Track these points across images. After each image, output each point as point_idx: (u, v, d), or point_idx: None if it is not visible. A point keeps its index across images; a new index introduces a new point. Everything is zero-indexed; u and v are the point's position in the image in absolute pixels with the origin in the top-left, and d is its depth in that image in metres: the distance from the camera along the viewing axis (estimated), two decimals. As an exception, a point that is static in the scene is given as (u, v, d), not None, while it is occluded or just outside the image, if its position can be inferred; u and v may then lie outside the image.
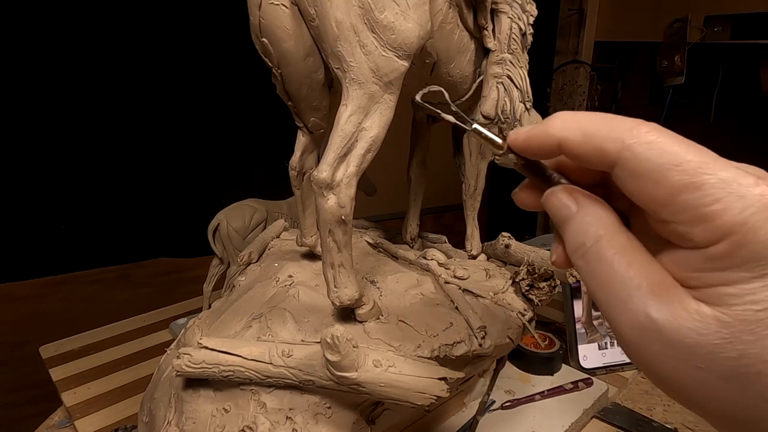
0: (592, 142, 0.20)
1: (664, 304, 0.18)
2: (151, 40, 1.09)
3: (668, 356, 0.19)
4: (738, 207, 0.17)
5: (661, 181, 0.18)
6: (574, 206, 0.21)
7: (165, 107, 1.14)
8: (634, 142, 0.19)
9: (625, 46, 1.73)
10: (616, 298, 0.19)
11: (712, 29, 1.36)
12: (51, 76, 1.01)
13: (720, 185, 0.17)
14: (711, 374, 0.18)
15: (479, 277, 0.60)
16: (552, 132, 0.21)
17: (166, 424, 0.45)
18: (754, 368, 0.17)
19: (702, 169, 0.17)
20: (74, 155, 1.07)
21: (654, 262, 0.19)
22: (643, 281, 0.19)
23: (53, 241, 1.10)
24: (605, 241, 0.20)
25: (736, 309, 0.17)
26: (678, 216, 0.18)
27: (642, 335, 0.19)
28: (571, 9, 1.72)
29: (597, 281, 0.20)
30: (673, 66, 1.41)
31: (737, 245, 0.17)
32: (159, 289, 1.22)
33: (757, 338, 0.17)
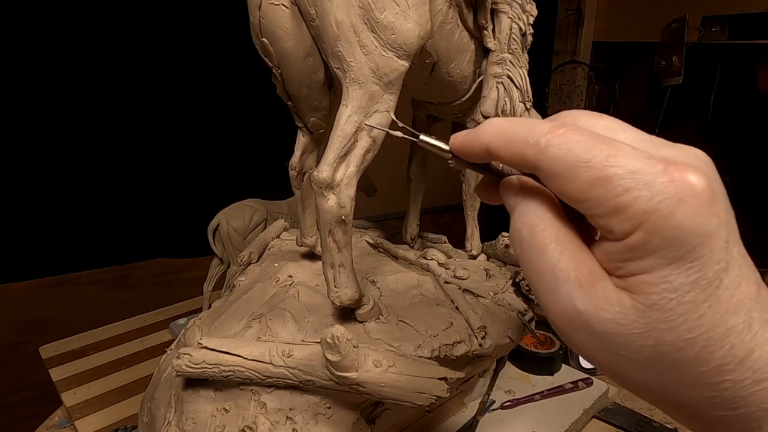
0: (513, 148, 0.20)
1: (588, 295, 0.19)
2: (151, 39, 1.08)
3: (595, 345, 0.19)
4: (646, 195, 0.17)
5: (574, 178, 0.18)
6: (519, 197, 0.22)
7: (164, 107, 1.14)
8: (547, 144, 0.19)
9: (623, 47, 1.73)
10: (546, 287, 0.20)
11: (710, 29, 1.36)
12: (50, 76, 1.00)
13: (628, 176, 0.17)
14: (632, 361, 0.19)
15: (479, 277, 0.60)
16: (480, 138, 0.22)
17: (166, 424, 0.45)
18: (670, 356, 0.18)
19: (609, 162, 0.18)
20: (72, 156, 1.06)
21: (586, 253, 0.20)
22: (571, 272, 0.19)
23: (50, 241, 1.09)
24: (539, 231, 0.20)
25: (653, 297, 0.18)
26: (595, 210, 0.18)
27: (570, 325, 0.19)
28: (569, 9, 1.72)
29: (531, 270, 0.21)
30: (671, 66, 1.41)
31: (650, 233, 0.17)
32: (157, 290, 1.21)
33: (671, 327, 0.18)
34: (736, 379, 0.18)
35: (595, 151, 0.18)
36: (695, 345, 0.18)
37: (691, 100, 1.54)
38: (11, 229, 1.05)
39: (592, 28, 1.72)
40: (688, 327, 0.17)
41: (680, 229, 0.17)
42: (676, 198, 0.17)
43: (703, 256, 0.17)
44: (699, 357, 0.18)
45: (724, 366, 0.18)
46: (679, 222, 0.17)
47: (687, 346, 0.18)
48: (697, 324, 0.17)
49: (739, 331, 0.18)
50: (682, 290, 0.17)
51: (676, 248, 0.17)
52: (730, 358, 0.18)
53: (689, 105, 1.55)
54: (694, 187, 0.17)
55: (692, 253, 0.17)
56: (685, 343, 0.18)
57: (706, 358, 0.18)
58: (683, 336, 0.18)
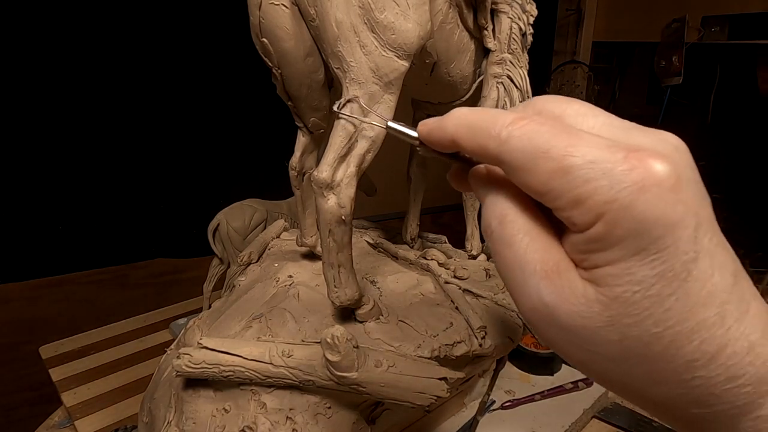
0: (476, 140, 0.20)
1: (555, 287, 0.18)
2: (151, 40, 1.08)
3: (564, 339, 0.19)
4: (605, 185, 0.16)
5: (534, 170, 0.18)
6: (488, 187, 0.21)
7: (164, 108, 1.14)
8: (508, 136, 0.18)
9: (623, 47, 1.73)
10: (515, 280, 0.19)
11: (710, 29, 1.36)
12: (50, 77, 1.00)
13: (587, 166, 0.17)
14: (601, 357, 0.18)
15: (479, 277, 0.60)
16: (446, 128, 0.21)
17: (166, 424, 0.45)
18: (636, 351, 0.17)
19: (568, 152, 0.17)
20: (72, 156, 1.06)
21: (554, 245, 0.19)
22: (538, 264, 0.19)
23: (49, 242, 1.09)
24: (508, 222, 0.20)
25: (617, 290, 0.17)
26: (556, 202, 0.18)
27: (539, 318, 0.19)
28: (569, 9, 1.72)
29: (500, 263, 0.20)
30: (671, 66, 1.41)
31: (611, 224, 0.16)
32: (156, 290, 1.21)
33: (636, 321, 0.17)
34: (708, 376, 0.17)
35: (555, 141, 0.17)
36: (662, 340, 0.17)
37: (691, 100, 1.54)
38: (11, 229, 1.05)
39: (592, 28, 1.72)
40: (654, 321, 0.17)
41: (642, 219, 0.16)
42: (637, 186, 0.16)
43: (668, 247, 0.16)
44: (667, 353, 0.17)
45: (693, 362, 0.17)
46: (640, 211, 0.16)
47: (654, 341, 0.17)
48: (663, 318, 0.17)
49: (710, 325, 0.17)
50: (647, 283, 0.17)
51: (639, 239, 0.16)
52: (699, 354, 0.17)
53: (689, 105, 1.55)
54: (656, 174, 0.16)
55: (656, 244, 0.16)
56: (652, 338, 0.17)
57: (674, 354, 0.17)
58: (649, 330, 0.17)
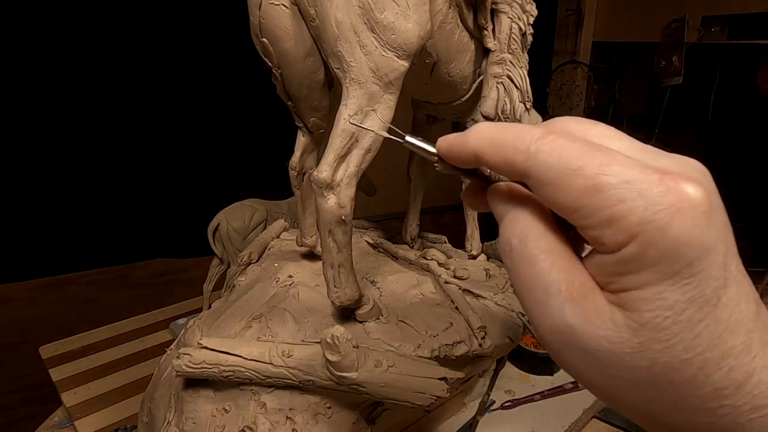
0: (502, 154, 0.19)
1: (580, 309, 0.18)
2: (151, 40, 1.08)
3: (585, 363, 0.18)
4: (641, 206, 0.16)
5: (565, 187, 0.17)
6: (509, 205, 0.21)
7: (164, 108, 1.14)
8: (537, 151, 0.18)
9: (622, 47, 1.74)
10: (536, 300, 0.19)
11: (710, 29, 1.36)
12: (50, 77, 1.00)
13: (622, 185, 0.16)
14: (626, 382, 0.18)
15: (479, 277, 0.60)
16: (469, 143, 0.21)
17: (166, 424, 0.45)
18: (665, 377, 0.17)
19: (602, 170, 0.17)
20: (72, 156, 1.07)
21: (578, 267, 0.19)
22: (563, 285, 0.18)
23: (50, 242, 1.09)
24: (530, 241, 0.19)
25: (647, 315, 0.17)
26: (587, 221, 0.17)
27: (561, 340, 0.18)
28: (569, 9, 1.72)
29: (520, 282, 0.19)
30: (671, 66, 1.41)
31: (646, 245, 0.16)
32: (156, 290, 1.21)
33: (666, 347, 0.16)
34: (735, 405, 0.17)
35: (588, 159, 0.17)
36: (691, 366, 0.17)
37: (691, 100, 1.54)
38: (11, 229, 1.05)
39: (592, 28, 1.72)
40: (684, 347, 0.16)
41: (677, 241, 0.16)
42: (673, 209, 0.16)
43: (701, 272, 0.16)
44: (696, 379, 0.17)
45: (722, 390, 0.17)
46: (675, 234, 0.16)
47: (683, 367, 0.17)
48: (693, 344, 0.16)
49: (737, 353, 0.17)
50: (678, 308, 0.16)
51: (672, 262, 0.16)
52: (728, 382, 0.17)
53: (689, 105, 1.55)
54: (691, 198, 0.16)
55: (689, 268, 0.16)
56: (681, 365, 0.17)
57: (703, 381, 0.17)
58: (679, 357, 0.17)
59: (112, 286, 1.18)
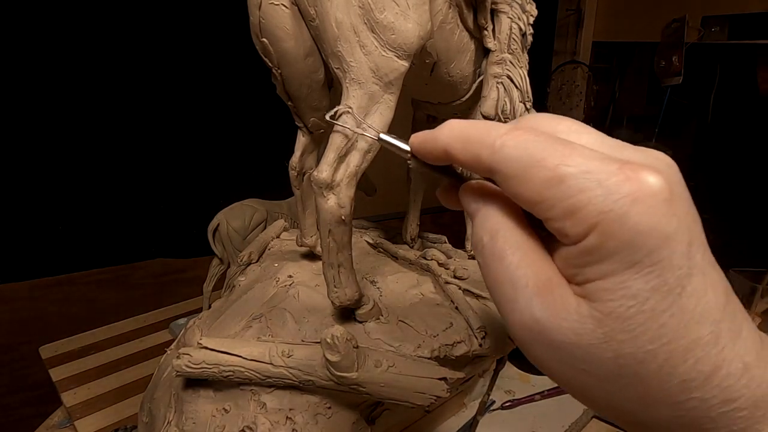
0: (470, 150, 0.20)
1: (547, 303, 0.18)
2: (151, 39, 1.08)
3: (553, 357, 0.18)
4: (600, 195, 0.16)
5: (528, 179, 0.17)
6: (480, 202, 0.21)
7: (164, 108, 1.14)
8: (502, 145, 0.18)
9: (622, 47, 1.74)
10: (505, 296, 0.19)
11: (710, 29, 1.36)
12: (50, 76, 1.00)
13: (581, 175, 0.16)
14: (593, 376, 0.18)
15: (479, 277, 0.60)
16: (439, 139, 0.21)
17: (166, 424, 0.45)
18: (631, 369, 0.17)
19: (563, 161, 0.17)
20: (72, 156, 1.06)
21: (546, 261, 0.19)
22: (530, 280, 0.18)
23: (48, 242, 1.09)
24: (500, 237, 0.20)
25: (611, 305, 0.16)
26: (550, 212, 0.17)
27: (529, 335, 0.18)
28: (569, 9, 1.72)
29: (491, 278, 0.20)
30: (671, 66, 1.41)
31: (606, 235, 0.16)
32: (156, 290, 1.21)
33: (630, 337, 0.16)
34: (703, 398, 0.17)
35: (550, 151, 0.17)
36: (657, 357, 0.16)
37: (691, 100, 1.54)
38: (11, 229, 1.05)
39: (591, 28, 1.72)
40: (649, 337, 0.16)
41: (636, 230, 0.16)
42: (631, 197, 0.16)
43: (663, 260, 0.16)
44: (662, 371, 0.16)
45: (689, 382, 0.16)
46: (634, 223, 0.16)
47: (648, 358, 0.16)
48: (658, 334, 0.16)
49: (704, 343, 0.16)
50: (641, 297, 0.16)
51: (633, 251, 0.16)
52: (695, 374, 0.16)
53: (689, 105, 1.55)
54: (650, 186, 0.16)
55: (650, 257, 0.16)
56: (647, 356, 0.16)
57: (669, 373, 0.16)
58: (644, 347, 0.16)
59: (111, 286, 1.18)
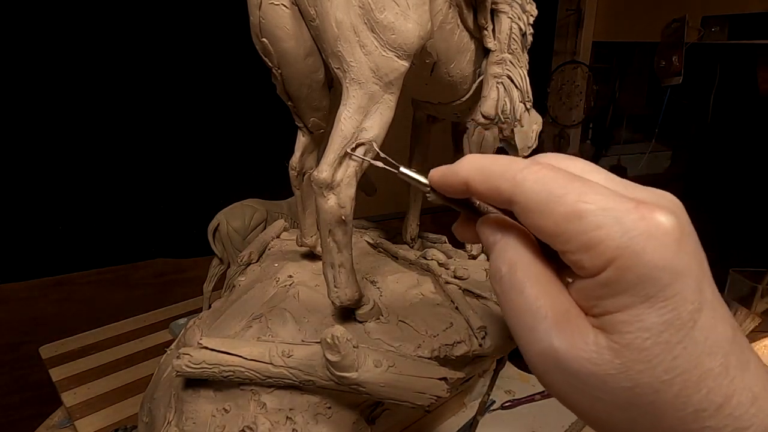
0: (490, 182, 0.20)
1: (565, 334, 0.19)
2: (151, 39, 1.08)
3: (571, 386, 0.19)
4: (618, 231, 0.17)
5: (548, 213, 0.18)
6: (499, 234, 0.22)
7: (164, 108, 1.14)
8: (523, 180, 0.19)
9: (622, 47, 1.74)
10: (524, 326, 0.20)
11: (710, 30, 1.36)
12: (50, 77, 1.00)
13: (600, 212, 0.17)
14: (610, 405, 0.18)
15: (479, 277, 0.60)
16: (459, 172, 0.22)
17: (166, 424, 0.45)
18: (647, 398, 0.17)
19: (582, 198, 0.18)
20: (72, 156, 1.06)
21: (563, 293, 0.20)
22: (549, 311, 0.19)
23: (49, 242, 1.09)
24: (519, 269, 0.20)
25: (628, 337, 0.17)
26: (568, 245, 0.18)
27: (547, 364, 0.19)
28: (569, 9, 1.72)
29: (509, 308, 0.20)
30: (671, 66, 1.41)
31: (622, 269, 0.17)
32: (156, 290, 1.21)
33: (647, 367, 0.17)
34: (716, 426, 0.17)
35: (570, 187, 0.18)
36: (672, 388, 0.17)
37: (691, 100, 1.54)
38: (11, 229, 1.05)
39: (591, 29, 1.72)
40: (664, 368, 0.17)
41: (652, 265, 0.17)
42: (647, 234, 0.17)
43: (676, 295, 0.17)
44: (677, 401, 0.17)
45: (702, 411, 0.17)
46: (649, 259, 0.17)
47: (664, 388, 0.17)
48: (672, 365, 0.17)
49: (716, 375, 0.17)
50: (656, 329, 0.17)
51: (648, 285, 0.17)
52: (707, 404, 0.17)
53: (689, 105, 1.55)
54: (663, 225, 0.17)
55: (664, 292, 0.17)
56: (662, 386, 0.17)
57: (684, 402, 0.17)
58: (660, 378, 0.17)
59: (111, 286, 1.18)
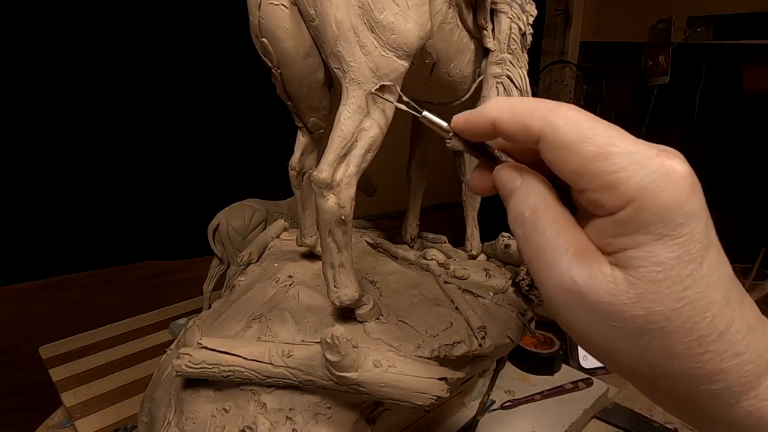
0: (520, 120, 0.22)
1: (585, 268, 0.21)
2: (150, 39, 1.08)
3: (587, 315, 0.21)
4: (640, 174, 0.19)
5: (577, 151, 0.20)
6: (519, 180, 0.24)
7: (164, 108, 1.13)
8: (554, 118, 0.21)
9: (609, 47, 1.74)
10: (546, 262, 0.22)
11: (695, 30, 1.36)
12: (46, 78, 1.00)
13: (625, 155, 0.19)
14: (623, 332, 0.20)
15: (479, 277, 0.60)
16: (486, 113, 0.24)
17: (166, 424, 0.45)
18: (658, 325, 0.19)
19: (610, 142, 0.20)
20: (71, 156, 1.05)
21: (581, 232, 0.22)
22: (569, 247, 0.21)
23: (36, 245, 1.07)
24: (541, 212, 0.22)
25: (642, 270, 0.19)
26: (591, 183, 0.20)
27: (566, 296, 0.21)
28: (557, 10, 1.72)
29: (531, 247, 0.22)
30: (658, 66, 1.41)
31: (640, 209, 0.19)
32: (145, 292, 1.19)
33: (660, 297, 0.19)
34: (717, 351, 0.19)
35: (599, 130, 0.20)
36: (681, 315, 0.19)
37: (677, 99, 1.54)
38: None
39: (579, 29, 1.72)
40: (675, 298, 0.19)
41: (668, 207, 0.19)
42: (666, 179, 0.19)
43: (687, 234, 0.19)
44: (684, 326, 0.19)
45: (706, 337, 0.19)
46: (666, 200, 0.19)
47: (674, 315, 0.19)
48: (682, 296, 0.19)
49: (720, 305, 0.19)
50: (668, 264, 0.19)
51: (663, 225, 0.19)
52: (710, 330, 0.19)
53: (675, 104, 1.56)
54: (680, 171, 0.19)
55: (677, 230, 0.19)
56: (672, 313, 0.19)
57: (690, 328, 0.19)
58: (670, 306, 0.19)
59: (100, 289, 1.16)
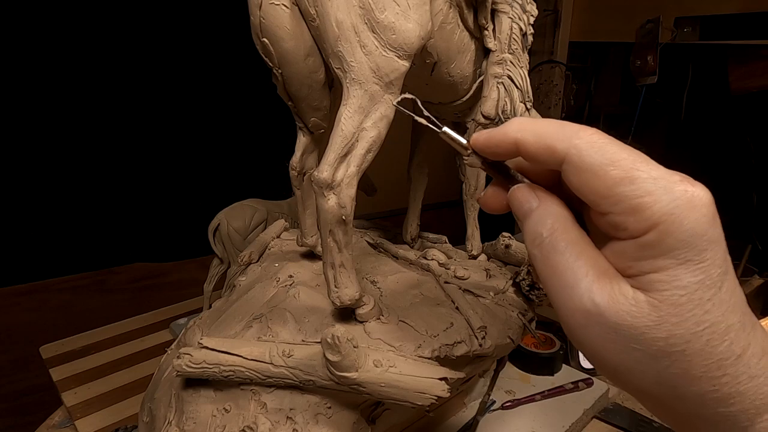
0: (544, 142, 0.22)
1: (605, 290, 0.21)
2: (150, 39, 1.08)
3: (607, 338, 0.21)
4: (665, 199, 0.19)
5: (601, 175, 0.20)
6: (535, 201, 0.24)
7: (164, 108, 1.13)
8: (579, 141, 0.21)
9: (598, 47, 1.75)
10: (565, 284, 0.22)
11: (682, 30, 1.37)
12: (44, 78, 0.99)
13: (650, 180, 0.20)
14: (643, 354, 0.20)
15: (479, 277, 0.60)
16: (509, 133, 0.24)
17: (167, 424, 0.45)
18: (678, 347, 0.20)
19: (635, 167, 0.20)
20: (55, 159, 1.03)
21: (600, 255, 0.22)
22: (589, 270, 0.21)
23: (23, 247, 1.04)
24: (559, 234, 0.22)
25: (665, 294, 0.20)
26: (615, 207, 0.20)
27: (585, 318, 0.21)
28: (546, 10, 1.72)
29: (550, 269, 0.22)
30: (646, 66, 1.42)
31: (665, 233, 0.19)
32: (134, 295, 1.17)
33: (682, 320, 0.19)
34: (734, 374, 0.20)
35: (624, 155, 0.20)
36: (701, 338, 0.19)
37: (664, 99, 1.55)
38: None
39: (568, 29, 1.73)
40: (696, 321, 0.19)
41: (692, 232, 0.19)
42: (690, 205, 0.19)
43: (708, 259, 0.19)
44: (704, 350, 0.20)
45: (724, 360, 0.20)
46: (691, 226, 0.19)
47: (694, 338, 0.19)
48: (703, 319, 0.19)
49: (737, 329, 0.20)
50: (691, 288, 0.19)
51: (687, 250, 0.19)
52: (729, 353, 0.20)
53: (663, 103, 1.56)
54: (703, 198, 0.20)
55: (699, 255, 0.19)
56: (693, 336, 0.19)
57: (710, 352, 0.20)
58: (691, 329, 0.19)
59: (88, 292, 1.14)
